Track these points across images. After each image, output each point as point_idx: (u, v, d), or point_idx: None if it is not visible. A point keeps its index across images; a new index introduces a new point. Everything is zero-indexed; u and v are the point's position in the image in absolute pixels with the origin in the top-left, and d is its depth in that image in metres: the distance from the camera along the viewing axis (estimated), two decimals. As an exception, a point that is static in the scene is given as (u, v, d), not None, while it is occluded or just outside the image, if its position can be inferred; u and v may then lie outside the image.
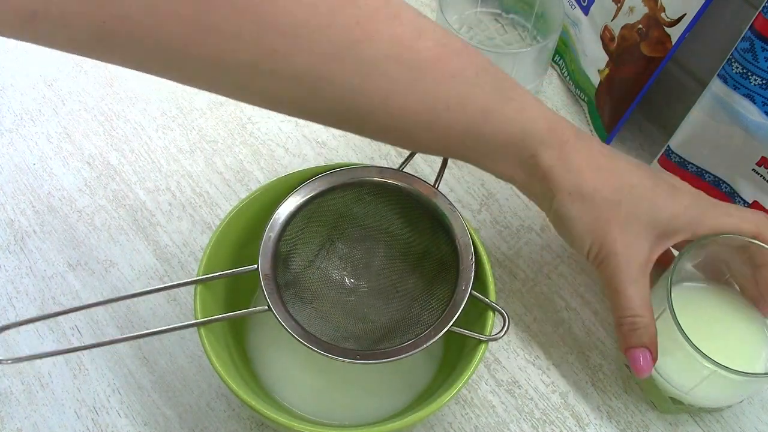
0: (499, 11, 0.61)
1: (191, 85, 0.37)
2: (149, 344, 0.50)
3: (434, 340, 0.40)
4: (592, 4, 0.58)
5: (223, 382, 0.39)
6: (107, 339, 0.41)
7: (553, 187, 0.41)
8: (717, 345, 0.41)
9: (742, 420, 0.49)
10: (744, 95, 0.47)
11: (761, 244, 0.43)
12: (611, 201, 0.41)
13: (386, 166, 0.45)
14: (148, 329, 0.41)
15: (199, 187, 0.57)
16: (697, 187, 0.55)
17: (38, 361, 0.49)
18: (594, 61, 0.59)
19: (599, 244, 0.41)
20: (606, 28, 0.57)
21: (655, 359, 0.42)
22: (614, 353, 0.51)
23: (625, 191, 0.41)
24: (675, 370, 0.44)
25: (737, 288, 0.47)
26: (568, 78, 0.64)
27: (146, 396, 0.48)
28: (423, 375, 0.47)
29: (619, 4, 0.55)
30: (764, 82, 0.46)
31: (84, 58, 0.34)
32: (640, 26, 0.53)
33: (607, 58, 0.58)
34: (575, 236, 0.42)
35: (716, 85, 0.49)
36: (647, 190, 0.42)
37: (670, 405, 0.46)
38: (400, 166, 0.45)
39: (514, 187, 0.58)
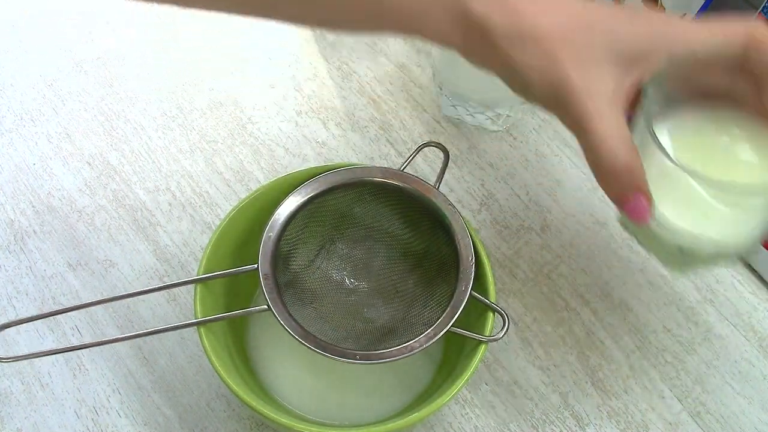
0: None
1: None
2: (149, 344, 0.50)
3: (434, 340, 0.40)
4: (592, 4, 0.58)
5: (223, 382, 0.39)
6: (107, 339, 0.41)
7: (492, 40, 0.35)
8: (718, 170, 0.35)
9: (742, 420, 0.49)
10: (744, 95, 0.47)
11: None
12: (558, 36, 0.35)
13: (386, 166, 0.46)
14: (147, 329, 0.41)
15: (199, 187, 0.57)
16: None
17: (38, 361, 0.49)
18: (594, 61, 0.59)
19: (554, 87, 0.35)
20: (606, 28, 0.57)
21: (650, 201, 0.36)
22: (614, 353, 0.51)
23: (574, 22, 0.35)
24: (675, 211, 0.38)
25: (738, 107, 0.39)
26: (568, 78, 0.64)
27: (146, 396, 0.48)
28: (422, 375, 0.47)
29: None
30: (764, 82, 0.46)
31: (84, 57, 0.34)
32: (640, 26, 0.53)
33: (607, 58, 0.57)
34: (527, 87, 0.36)
35: (716, 85, 0.49)
36: (603, 16, 0.36)
37: (680, 258, 0.40)
38: (401, 166, 0.45)
39: (514, 187, 0.58)
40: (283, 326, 0.40)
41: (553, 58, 0.35)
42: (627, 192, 0.35)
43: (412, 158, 0.46)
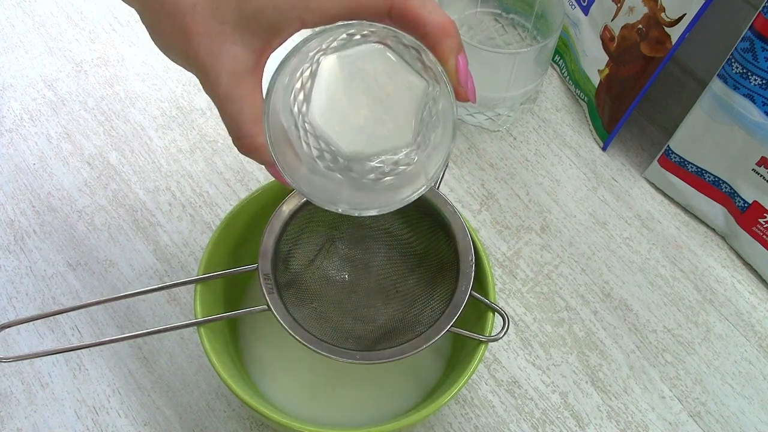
0: (499, 11, 0.61)
1: None
2: (149, 344, 0.50)
3: (434, 341, 0.40)
4: (592, 4, 0.58)
5: (223, 382, 0.39)
6: (107, 339, 0.41)
7: (144, 16, 0.35)
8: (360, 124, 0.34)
9: (741, 420, 0.49)
10: (744, 95, 0.47)
11: (394, 30, 0.32)
12: (188, 8, 0.33)
13: (386, 166, 0.45)
14: (147, 329, 0.41)
15: (199, 187, 0.57)
16: (696, 187, 0.55)
17: (38, 362, 0.49)
18: (594, 61, 0.59)
19: (189, 65, 0.34)
20: (606, 28, 0.57)
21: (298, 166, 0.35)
22: (614, 353, 0.51)
23: None
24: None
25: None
26: (568, 78, 0.64)
27: (146, 396, 0.48)
28: (430, 375, 0.47)
29: (619, 4, 0.55)
30: (764, 82, 0.46)
31: (84, 57, 0.33)
32: (640, 26, 0.53)
33: (607, 58, 0.58)
34: (169, 57, 0.35)
35: (716, 85, 0.49)
36: None
37: None
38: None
39: (514, 187, 0.58)
40: (283, 326, 0.40)
41: (181, 31, 0.33)
42: (263, 163, 0.35)
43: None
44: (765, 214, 0.51)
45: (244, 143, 0.34)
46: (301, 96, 0.35)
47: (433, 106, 0.35)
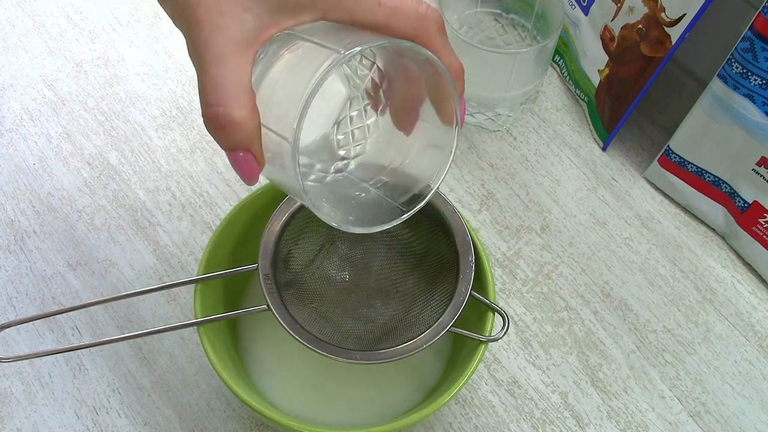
0: (499, 11, 0.61)
1: None
2: (149, 344, 0.50)
3: (434, 341, 0.40)
4: (592, 4, 0.58)
5: (223, 382, 0.39)
6: (107, 339, 0.41)
7: None
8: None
9: (742, 420, 0.49)
10: (744, 95, 0.47)
11: (419, 48, 0.31)
12: None
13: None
14: (147, 329, 0.41)
15: (199, 187, 0.57)
16: (696, 187, 0.55)
17: (38, 362, 0.49)
18: (594, 61, 0.59)
19: (182, 8, 0.31)
20: (606, 28, 0.57)
21: (260, 163, 0.32)
22: (614, 353, 0.51)
23: None
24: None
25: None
26: (568, 78, 0.64)
27: (146, 396, 0.48)
28: (430, 375, 0.47)
29: (619, 4, 0.55)
30: (764, 82, 0.46)
31: (84, 57, 0.33)
32: (640, 26, 0.53)
33: (607, 58, 0.58)
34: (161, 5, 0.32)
35: (716, 85, 0.49)
36: None
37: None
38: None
39: (514, 187, 0.58)
40: (283, 326, 0.40)
41: None
42: (232, 144, 0.31)
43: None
44: (765, 214, 0.51)
45: (217, 113, 0.30)
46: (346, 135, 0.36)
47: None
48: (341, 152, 0.36)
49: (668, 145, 0.55)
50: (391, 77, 0.36)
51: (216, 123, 0.31)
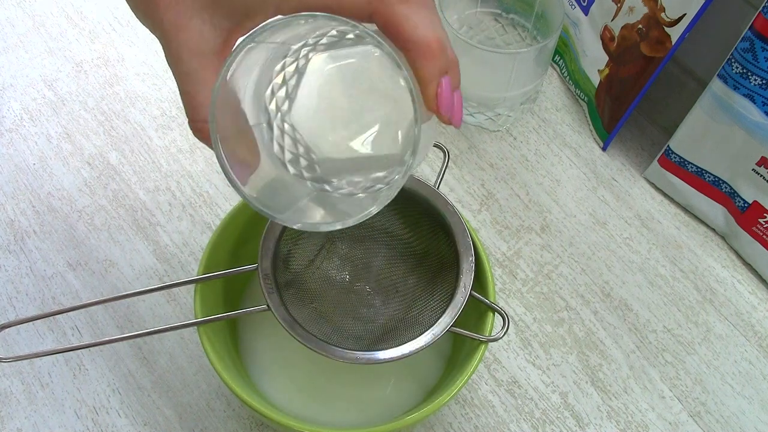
0: (499, 11, 0.61)
1: None
2: (149, 344, 0.50)
3: (434, 341, 0.40)
4: (592, 4, 0.58)
5: (223, 382, 0.39)
6: (107, 339, 0.41)
7: None
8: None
9: (742, 420, 0.49)
10: (744, 95, 0.47)
11: (367, 30, 0.28)
12: None
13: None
14: (147, 329, 0.41)
15: (199, 187, 0.57)
16: (696, 187, 0.55)
17: (38, 362, 0.49)
18: (594, 61, 0.59)
19: (152, 26, 0.32)
20: (606, 28, 0.57)
21: (252, 165, 0.32)
22: (614, 353, 0.51)
23: None
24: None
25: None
26: (568, 78, 0.64)
27: (146, 396, 0.48)
28: (430, 375, 0.47)
29: (619, 4, 0.55)
30: (764, 82, 0.46)
31: (84, 57, 0.33)
32: (640, 26, 0.53)
33: (607, 58, 0.58)
34: (137, 17, 0.34)
35: (716, 85, 0.49)
36: None
37: None
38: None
39: (514, 187, 0.58)
40: (283, 326, 0.40)
41: (154, 2, 0.31)
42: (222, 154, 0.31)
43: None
44: (765, 214, 0.51)
45: (199, 128, 0.32)
46: (282, 92, 0.32)
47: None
48: (271, 106, 0.33)
49: (668, 145, 0.55)
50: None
51: (200, 136, 0.32)
